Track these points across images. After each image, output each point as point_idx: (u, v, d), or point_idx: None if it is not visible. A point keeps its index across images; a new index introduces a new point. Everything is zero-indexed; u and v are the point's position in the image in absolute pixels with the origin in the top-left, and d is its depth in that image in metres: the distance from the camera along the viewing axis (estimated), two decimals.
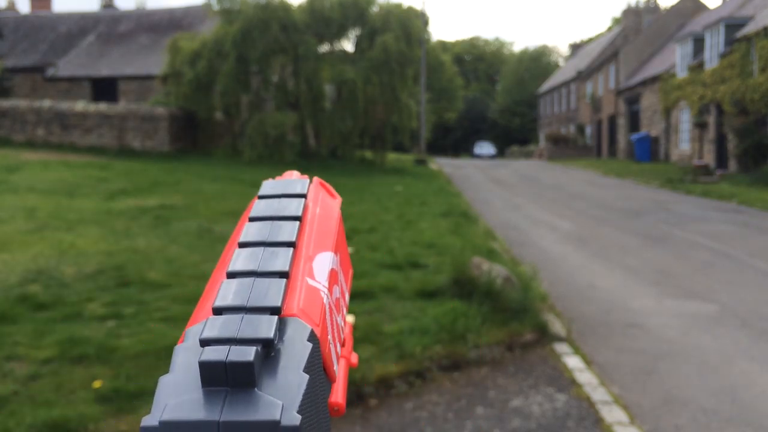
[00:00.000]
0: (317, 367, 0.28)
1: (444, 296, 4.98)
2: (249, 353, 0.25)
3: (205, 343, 0.26)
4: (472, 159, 41.24)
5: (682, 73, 25.18)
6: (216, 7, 20.36)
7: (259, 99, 20.39)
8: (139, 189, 11.26)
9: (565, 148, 38.31)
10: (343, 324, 0.35)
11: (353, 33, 21.17)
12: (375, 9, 20.87)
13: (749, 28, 19.87)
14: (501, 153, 50.07)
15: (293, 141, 19.74)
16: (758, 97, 18.69)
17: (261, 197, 0.36)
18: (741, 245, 8.34)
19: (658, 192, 16.27)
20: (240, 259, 0.31)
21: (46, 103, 19.60)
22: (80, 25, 27.84)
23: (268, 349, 0.26)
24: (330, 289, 0.32)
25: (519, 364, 4.15)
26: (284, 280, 0.29)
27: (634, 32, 36.90)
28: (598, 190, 16.63)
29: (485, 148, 46.96)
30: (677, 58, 25.82)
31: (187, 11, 27.47)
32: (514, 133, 56.33)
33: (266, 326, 0.27)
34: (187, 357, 0.27)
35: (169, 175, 13.60)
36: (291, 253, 0.31)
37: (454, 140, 57.02)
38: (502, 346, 4.30)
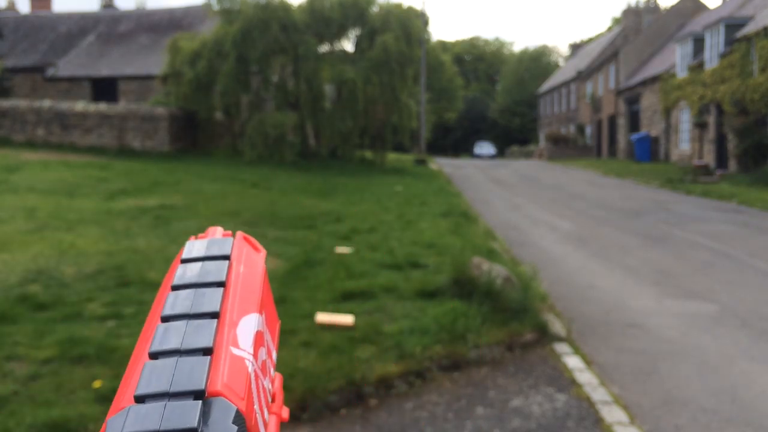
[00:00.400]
0: None
1: (444, 296, 4.98)
2: None
3: None
4: (472, 159, 41.24)
5: (682, 73, 25.19)
6: (216, 7, 20.37)
7: (259, 99, 20.39)
8: (139, 189, 11.25)
9: (565, 148, 38.31)
10: (270, 385, 0.34)
11: (353, 33, 21.17)
12: (375, 9, 20.87)
13: (749, 28, 19.87)
14: (501, 153, 50.07)
15: (293, 141, 19.75)
16: (758, 97, 18.68)
17: (183, 261, 0.35)
18: (741, 245, 8.34)
19: (658, 192, 16.27)
20: (162, 336, 0.30)
21: (46, 103, 19.60)
22: (80, 25, 27.84)
23: None
24: (255, 354, 0.31)
25: (519, 364, 4.15)
26: (208, 357, 0.28)
27: (634, 32, 36.91)
28: (598, 190, 16.63)
29: (485, 148, 46.97)
30: (677, 58, 25.82)
31: (187, 11, 27.48)
32: (514, 133, 56.34)
33: (190, 414, 0.25)
34: None
35: (169, 175, 13.59)
36: (215, 325, 0.30)
37: (454, 140, 57.02)
38: (502, 346, 4.30)
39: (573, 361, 4.17)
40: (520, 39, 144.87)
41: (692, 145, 24.24)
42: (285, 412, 0.35)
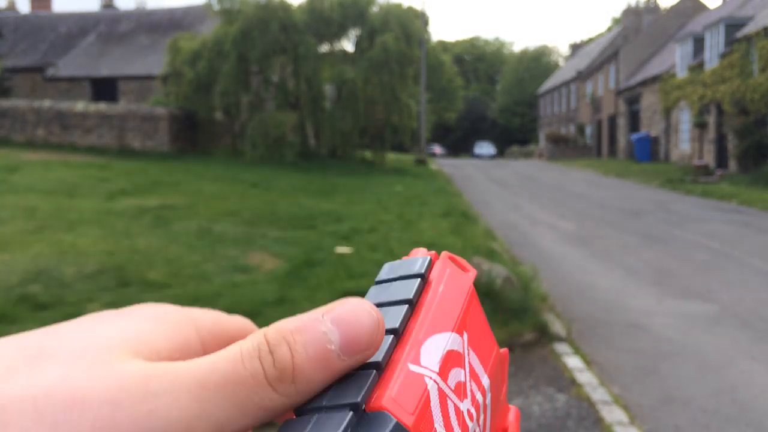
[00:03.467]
0: None
1: None
2: None
3: None
4: (472, 159, 41.26)
5: (682, 73, 25.19)
6: (216, 7, 20.37)
7: (259, 99, 20.40)
8: (139, 189, 11.25)
9: (565, 148, 38.32)
10: (473, 411, 0.30)
11: (353, 33, 21.18)
12: (375, 9, 20.89)
13: (749, 28, 19.87)
14: (501, 153, 50.13)
15: (293, 141, 19.75)
16: (758, 97, 18.69)
17: (377, 283, 0.33)
18: (741, 245, 8.34)
19: (658, 192, 16.27)
20: None
21: (46, 103, 19.60)
22: (80, 25, 27.84)
23: None
24: (443, 373, 0.29)
25: (519, 364, 4.15)
26: (373, 371, 0.27)
27: (634, 32, 36.92)
28: (598, 190, 16.63)
29: (485, 148, 47.05)
30: (677, 58, 25.83)
31: (187, 11, 27.48)
32: (514, 133, 56.37)
33: (334, 424, 0.24)
34: None
35: (169, 175, 13.59)
36: (390, 341, 0.28)
37: (454, 140, 57.04)
38: (502, 346, 4.29)
39: (573, 361, 4.17)
40: (520, 39, 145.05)
41: (692, 145, 24.25)
42: None
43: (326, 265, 6.02)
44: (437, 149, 47.98)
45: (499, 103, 58.40)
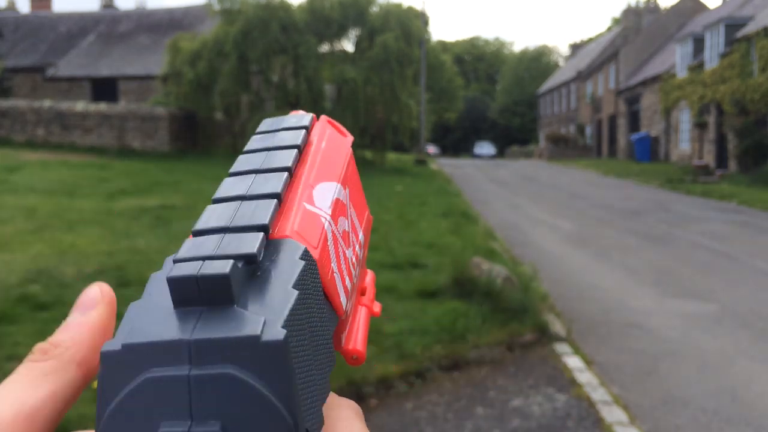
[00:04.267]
0: (312, 288, 0.25)
1: (444, 296, 4.98)
2: (225, 266, 0.22)
3: (178, 262, 0.23)
4: (472, 159, 41.27)
5: (682, 73, 25.19)
6: (216, 7, 20.37)
7: (259, 99, 20.39)
8: (139, 189, 11.25)
9: (565, 148, 38.31)
10: (354, 261, 0.31)
11: (353, 33, 21.18)
12: (375, 9, 20.88)
13: (749, 28, 19.87)
14: (501, 153, 50.14)
15: None
16: (758, 97, 18.69)
17: (257, 133, 0.33)
18: (741, 245, 8.34)
19: (658, 192, 16.27)
20: (226, 186, 0.28)
21: (46, 103, 19.59)
22: (80, 25, 27.84)
23: (253, 267, 0.24)
24: (334, 218, 0.29)
25: (519, 364, 4.15)
26: (275, 200, 0.26)
27: (634, 32, 36.91)
28: (598, 190, 16.63)
29: (485, 148, 47.09)
30: (677, 58, 25.82)
31: (187, 11, 27.48)
32: (514, 133, 56.37)
33: (250, 242, 0.24)
34: (160, 282, 0.24)
35: (169, 175, 13.59)
36: (285, 177, 0.28)
37: (454, 140, 57.06)
38: (502, 346, 4.30)
39: (573, 361, 4.17)
40: (520, 39, 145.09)
41: (692, 145, 24.24)
42: (377, 307, 0.34)
43: None
44: (431, 149, 47.98)
45: (499, 103, 58.40)
